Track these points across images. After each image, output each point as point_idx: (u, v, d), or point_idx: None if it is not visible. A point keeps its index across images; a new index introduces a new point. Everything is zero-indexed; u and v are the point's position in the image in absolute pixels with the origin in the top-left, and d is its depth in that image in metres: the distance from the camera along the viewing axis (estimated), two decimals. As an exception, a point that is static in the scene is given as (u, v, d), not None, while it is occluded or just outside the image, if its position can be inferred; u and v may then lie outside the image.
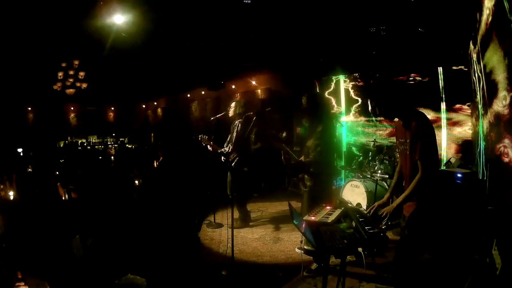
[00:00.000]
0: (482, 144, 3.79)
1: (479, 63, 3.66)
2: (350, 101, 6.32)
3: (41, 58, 8.79)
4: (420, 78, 5.38)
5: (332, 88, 6.69)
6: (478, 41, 3.41)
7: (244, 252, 3.98)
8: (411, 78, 5.40)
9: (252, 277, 3.39)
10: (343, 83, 6.44)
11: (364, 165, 5.20)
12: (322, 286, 2.32)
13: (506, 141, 2.50)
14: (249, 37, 6.07)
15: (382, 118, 5.67)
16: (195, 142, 5.02)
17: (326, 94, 6.74)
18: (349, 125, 6.37)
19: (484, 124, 3.61)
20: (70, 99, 11.97)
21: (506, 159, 2.49)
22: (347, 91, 6.32)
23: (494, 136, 2.84)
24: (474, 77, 4.11)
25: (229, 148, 4.69)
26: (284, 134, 5.34)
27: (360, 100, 6.17)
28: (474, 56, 3.93)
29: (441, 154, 5.12)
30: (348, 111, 6.39)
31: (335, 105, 6.58)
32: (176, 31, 6.17)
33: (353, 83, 6.19)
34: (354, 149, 6.25)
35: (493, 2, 2.51)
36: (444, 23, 4.33)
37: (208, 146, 4.80)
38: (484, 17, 2.92)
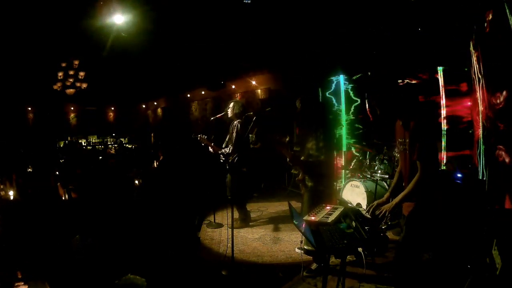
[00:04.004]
0: (481, 144, 3.78)
1: (478, 63, 3.66)
2: (350, 101, 6.28)
3: (41, 58, 8.78)
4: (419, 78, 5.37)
5: (332, 88, 6.69)
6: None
7: (244, 252, 3.98)
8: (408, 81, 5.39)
9: (252, 277, 3.39)
10: (343, 84, 6.42)
11: (364, 165, 5.20)
12: (322, 286, 2.32)
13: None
14: (249, 37, 6.07)
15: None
16: (195, 142, 5.02)
17: (326, 94, 6.73)
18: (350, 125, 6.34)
19: (484, 124, 3.61)
20: (70, 99, 11.96)
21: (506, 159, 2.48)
22: (346, 91, 6.30)
23: (493, 139, 2.83)
24: (474, 77, 4.11)
25: (229, 149, 4.68)
26: (287, 139, 5.35)
27: (359, 100, 6.15)
28: (474, 56, 3.93)
29: (441, 154, 5.12)
30: (348, 111, 6.37)
31: (336, 105, 6.56)
32: (176, 31, 6.18)
33: (352, 84, 6.17)
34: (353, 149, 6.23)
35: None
36: (444, 23, 4.33)
37: (209, 147, 4.80)
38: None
